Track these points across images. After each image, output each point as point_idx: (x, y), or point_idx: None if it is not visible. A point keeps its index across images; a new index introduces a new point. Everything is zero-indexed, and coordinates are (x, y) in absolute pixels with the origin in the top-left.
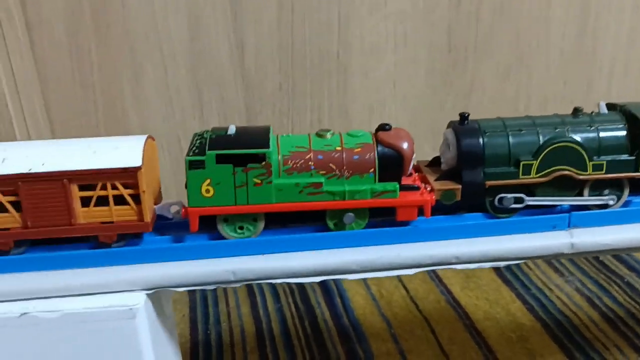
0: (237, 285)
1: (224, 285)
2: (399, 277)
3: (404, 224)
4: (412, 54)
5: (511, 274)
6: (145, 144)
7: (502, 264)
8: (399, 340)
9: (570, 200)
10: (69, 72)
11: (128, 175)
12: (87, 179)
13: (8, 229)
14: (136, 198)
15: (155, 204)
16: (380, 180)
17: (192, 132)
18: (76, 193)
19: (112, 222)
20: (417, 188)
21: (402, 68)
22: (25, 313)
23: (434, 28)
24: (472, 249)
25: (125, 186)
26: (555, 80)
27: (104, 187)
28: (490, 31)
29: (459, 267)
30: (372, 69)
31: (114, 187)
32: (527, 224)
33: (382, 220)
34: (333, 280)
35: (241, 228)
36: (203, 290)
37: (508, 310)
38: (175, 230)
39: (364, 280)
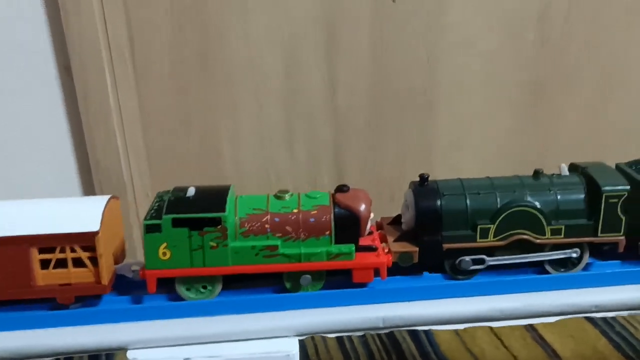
0: (384, 332)
1: (372, 332)
2: None
3: (362, 285)
4: (498, 91)
5: None
6: (106, 206)
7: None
8: None
9: (531, 257)
10: (169, 108)
11: (86, 239)
12: (47, 242)
13: None
14: (95, 260)
15: (118, 262)
16: (337, 242)
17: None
18: (36, 256)
19: (70, 284)
20: (375, 249)
21: (487, 105)
22: (188, 359)
23: (521, 66)
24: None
25: (84, 249)
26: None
27: (62, 250)
28: (576, 67)
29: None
30: (457, 106)
31: (73, 250)
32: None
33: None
34: None
35: (201, 288)
36: None
37: (595, 348)
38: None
39: None
